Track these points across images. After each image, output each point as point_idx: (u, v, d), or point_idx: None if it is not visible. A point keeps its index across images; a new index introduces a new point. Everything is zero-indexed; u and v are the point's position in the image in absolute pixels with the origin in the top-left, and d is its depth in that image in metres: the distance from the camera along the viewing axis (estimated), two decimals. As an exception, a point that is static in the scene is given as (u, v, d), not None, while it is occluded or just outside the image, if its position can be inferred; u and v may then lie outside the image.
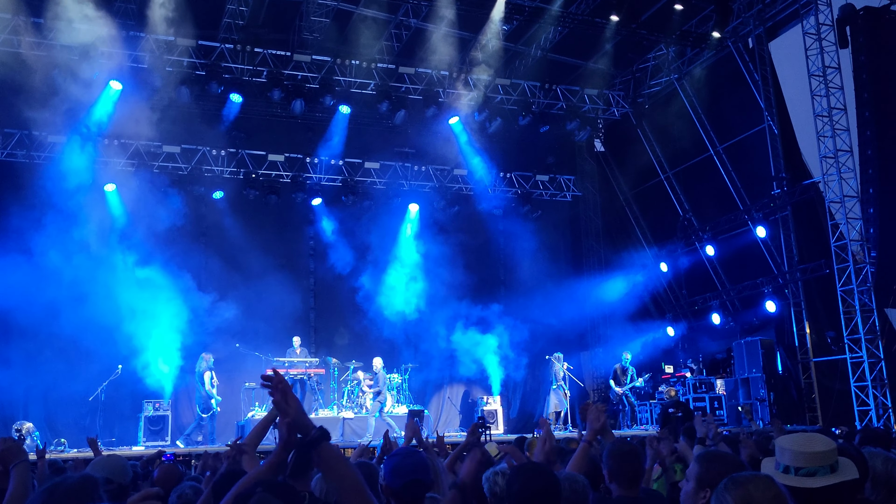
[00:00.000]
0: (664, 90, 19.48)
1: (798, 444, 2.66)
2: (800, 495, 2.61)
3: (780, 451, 2.69)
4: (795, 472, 2.62)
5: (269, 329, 16.42)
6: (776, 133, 16.71)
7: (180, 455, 11.85)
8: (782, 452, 2.68)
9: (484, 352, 18.09)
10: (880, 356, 14.53)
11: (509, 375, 18.67)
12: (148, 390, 15.55)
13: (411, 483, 3.06)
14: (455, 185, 19.87)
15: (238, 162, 17.98)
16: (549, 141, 19.98)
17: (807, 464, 2.62)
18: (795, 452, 2.64)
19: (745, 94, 17.25)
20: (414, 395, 17.76)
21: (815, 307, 16.45)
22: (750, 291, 17.64)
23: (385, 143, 19.06)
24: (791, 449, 2.65)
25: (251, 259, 16.85)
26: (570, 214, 21.43)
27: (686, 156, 19.26)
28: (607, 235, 21.30)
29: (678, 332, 19.65)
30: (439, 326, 18.00)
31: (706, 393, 16.70)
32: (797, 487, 2.60)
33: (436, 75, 18.09)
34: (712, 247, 18.49)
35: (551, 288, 19.14)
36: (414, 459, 3.19)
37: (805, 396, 16.20)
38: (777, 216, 16.91)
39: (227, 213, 17.64)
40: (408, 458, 3.20)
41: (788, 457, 2.65)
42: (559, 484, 3.03)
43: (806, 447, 2.64)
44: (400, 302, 18.39)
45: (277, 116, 18.42)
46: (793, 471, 2.63)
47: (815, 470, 2.61)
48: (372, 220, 18.50)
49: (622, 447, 4.12)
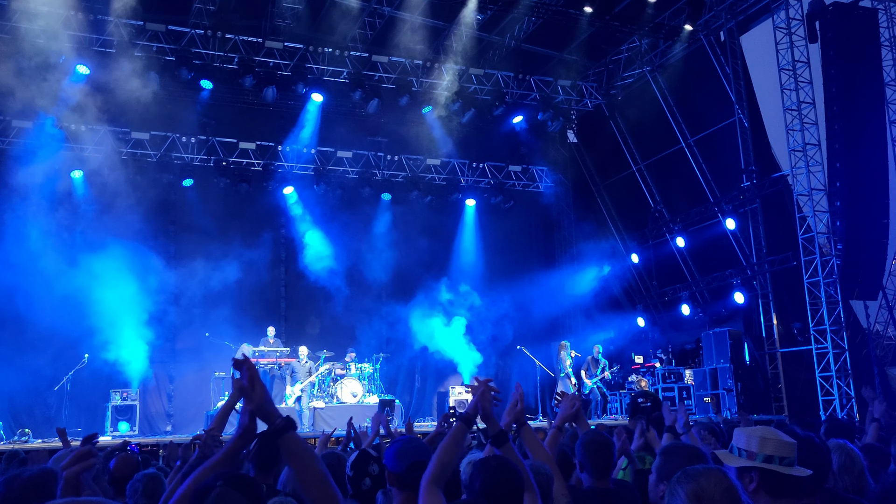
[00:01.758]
0: (637, 82, 19.55)
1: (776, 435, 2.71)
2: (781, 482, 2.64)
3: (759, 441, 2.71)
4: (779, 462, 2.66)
5: (240, 318, 16.26)
6: (746, 126, 16.86)
7: (147, 446, 11.71)
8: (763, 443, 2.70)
9: (456, 342, 18.07)
10: (845, 347, 14.76)
11: (481, 365, 18.68)
12: (115, 379, 15.32)
13: (414, 465, 3.11)
14: (428, 174, 19.80)
15: (208, 149, 17.75)
16: (523, 131, 19.97)
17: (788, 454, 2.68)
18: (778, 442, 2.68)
19: (717, 88, 17.37)
20: (385, 384, 17.72)
21: (782, 299, 16.67)
22: (719, 283, 17.82)
23: (358, 132, 18.91)
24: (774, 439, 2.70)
25: (221, 248, 16.64)
26: (543, 205, 21.47)
27: (658, 148, 19.39)
28: (579, 226, 21.36)
29: (648, 322, 19.81)
30: (411, 316, 17.95)
31: (675, 383, 16.86)
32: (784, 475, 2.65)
33: (409, 64, 17.97)
34: (683, 238, 18.65)
35: (524, 278, 19.17)
36: (415, 444, 3.29)
37: (771, 387, 16.42)
38: (746, 208, 17.08)
39: (197, 200, 17.42)
40: (409, 443, 3.30)
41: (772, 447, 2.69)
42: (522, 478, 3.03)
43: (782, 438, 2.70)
44: (372, 292, 18.30)
45: (249, 104, 18.20)
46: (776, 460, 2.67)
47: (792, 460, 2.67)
48: (344, 209, 18.38)
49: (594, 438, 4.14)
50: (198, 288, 16.03)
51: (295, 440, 2.41)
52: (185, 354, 15.25)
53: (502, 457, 3.18)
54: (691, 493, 2.34)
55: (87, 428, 14.97)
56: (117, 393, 14.98)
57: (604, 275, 20.14)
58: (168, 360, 16.84)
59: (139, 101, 15.97)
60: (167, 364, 16.91)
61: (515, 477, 2.99)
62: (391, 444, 3.36)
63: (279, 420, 2.41)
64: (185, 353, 15.31)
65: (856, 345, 15.32)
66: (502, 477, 2.99)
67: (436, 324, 17.98)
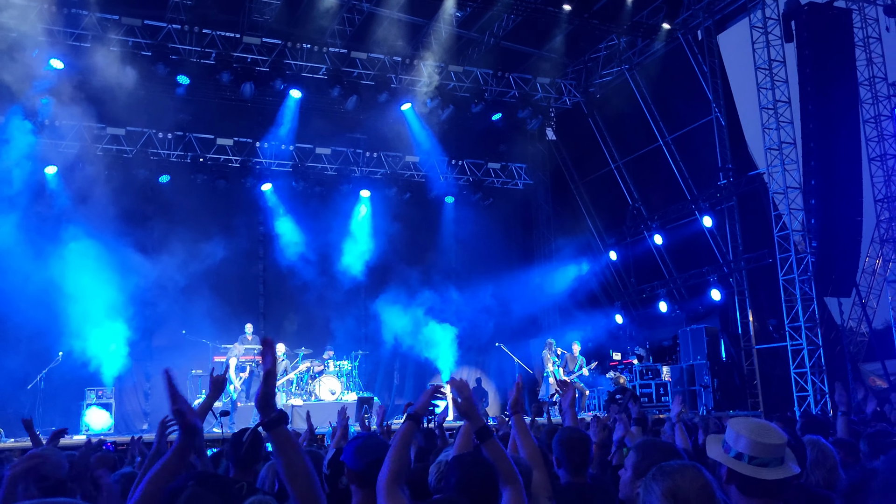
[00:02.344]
0: (615, 80, 19.65)
1: (755, 433, 2.68)
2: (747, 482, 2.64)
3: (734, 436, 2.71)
4: (749, 461, 2.65)
5: (218, 316, 16.14)
6: (723, 124, 17.00)
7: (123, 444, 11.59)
8: (737, 439, 2.70)
9: (434, 338, 18.07)
10: (819, 344, 14.94)
11: (460, 362, 18.70)
12: (90, 377, 15.16)
13: (374, 463, 3.08)
14: (407, 171, 19.77)
15: (185, 145, 17.61)
16: (502, 129, 20.01)
17: (761, 454, 2.65)
18: (752, 442, 2.66)
19: (694, 86, 17.49)
20: (364, 381, 17.69)
21: (758, 296, 16.83)
22: (696, 280, 17.97)
23: (336, 128, 18.83)
24: (748, 437, 2.68)
25: (198, 245, 16.49)
26: (522, 202, 21.52)
27: (636, 145, 19.50)
28: (558, 223, 21.45)
29: (626, 319, 19.93)
30: (390, 314, 17.92)
31: (652, 380, 16.97)
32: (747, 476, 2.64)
33: (388, 61, 17.94)
34: (660, 236, 18.78)
35: (502, 275, 19.22)
36: (375, 441, 3.25)
37: (747, 383, 16.59)
38: (723, 206, 17.23)
39: (173, 197, 17.24)
40: (368, 440, 3.26)
41: (743, 444, 2.68)
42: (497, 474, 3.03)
43: (763, 438, 2.67)
44: (350, 289, 18.26)
45: (226, 100, 18.06)
46: (746, 458, 2.66)
47: (768, 461, 2.64)
48: (323, 207, 18.33)
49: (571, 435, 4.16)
50: (175, 285, 15.89)
51: (286, 434, 2.48)
52: (162, 352, 15.09)
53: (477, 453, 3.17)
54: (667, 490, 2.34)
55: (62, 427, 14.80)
56: (92, 391, 14.83)
57: (582, 272, 20.24)
58: (144, 357, 16.68)
59: (115, 96, 15.79)
60: (143, 362, 16.74)
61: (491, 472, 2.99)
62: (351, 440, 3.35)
63: (274, 413, 2.47)
64: (162, 350, 15.15)
65: (830, 341, 15.53)
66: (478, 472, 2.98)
67: (415, 321, 17.97)
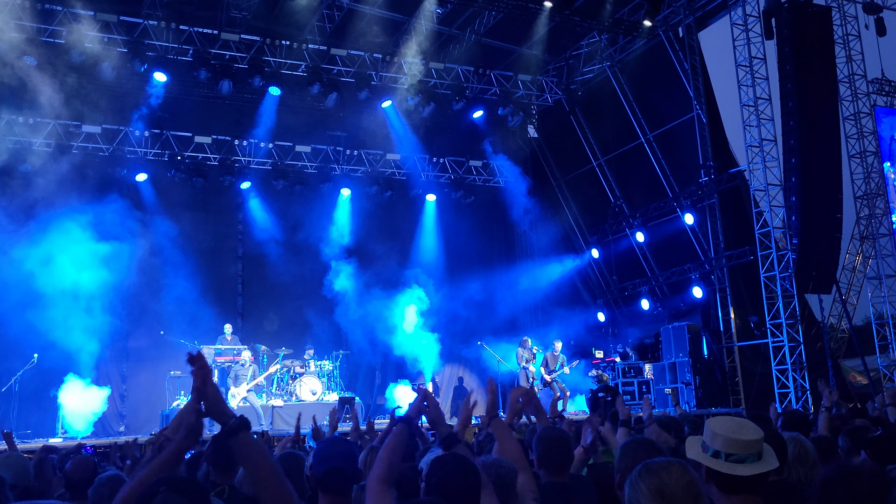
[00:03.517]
0: (597, 77, 19.71)
1: (730, 430, 2.70)
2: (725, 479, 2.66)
3: (711, 434, 2.72)
4: (725, 458, 2.67)
5: (196, 316, 16.03)
6: (704, 122, 17.10)
7: (101, 447, 11.51)
8: (714, 437, 2.71)
9: (416, 338, 18.05)
10: (800, 340, 15.08)
11: (442, 361, 18.69)
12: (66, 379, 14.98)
13: (333, 471, 3.03)
14: (388, 169, 19.73)
15: (163, 143, 17.48)
16: (483, 126, 20.01)
17: (737, 451, 2.66)
18: (727, 438, 2.68)
19: (675, 83, 17.59)
20: (345, 382, 17.64)
21: (739, 293, 16.95)
22: (678, 277, 18.07)
23: (316, 126, 18.81)
24: (723, 435, 2.69)
25: (176, 244, 16.40)
26: (504, 200, 21.51)
27: (617, 143, 19.58)
28: (540, 221, 21.48)
29: (608, 317, 20.01)
30: (371, 313, 17.88)
31: (635, 378, 17.06)
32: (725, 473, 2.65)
33: (368, 58, 17.90)
34: (642, 233, 18.86)
35: (484, 274, 19.20)
36: (340, 448, 3.15)
37: (729, 380, 16.71)
38: (704, 203, 17.34)
39: (150, 196, 17.14)
40: (334, 445, 3.17)
41: (720, 442, 2.69)
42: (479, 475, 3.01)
43: (738, 434, 2.68)
44: (331, 288, 18.20)
45: (204, 97, 17.91)
46: (723, 456, 2.67)
47: (745, 457, 2.66)
48: (302, 205, 18.23)
49: (551, 433, 4.15)
50: (152, 285, 15.78)
51: (247, 440, 2.40)
52: (139, 353, 14.99)
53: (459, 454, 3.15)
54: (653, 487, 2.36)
55: (37, 430, 14.68)
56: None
57: (564, 270, 20.29)
58: (121, 359, 16.55)
59: (90, 93, 15.64)
60: (119, 363, 16.62)
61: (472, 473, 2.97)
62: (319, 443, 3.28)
63: (232, 420, 2.40)
64: (139, 351, 15.04)
65: (811, 338, 15.68)
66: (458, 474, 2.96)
67: (396, 321, 17.93)
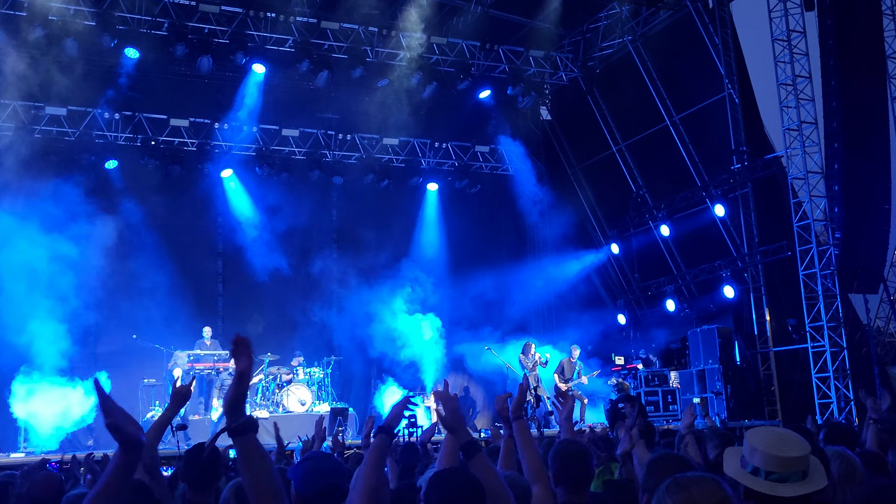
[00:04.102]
0: (617, 53, 19.65)
1: (772, 445, 2.65)
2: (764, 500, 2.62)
3: (749, 449, 2.68)
4: (766, 476, 2.62)
5: (171, 318, 16.04)
6: (737, 102, 17.04)
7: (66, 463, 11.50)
8: (752, 452, 2.67)
9: (417, 342, 18.04)
10: (843, 345, 15.02)
11: (445, 368, 18.67)
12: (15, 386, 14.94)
13: (328, 489, 3.01)
14: (385, 155, 19.71)
15: (135, 127, 17.49)
16: (490, 108, 19.97)
17: (779, 469, 2.62)
18: (767, 455, 2.63)
19: (705, 60, 17.51)
20: (338, 391, 17.63)
21: (775, 292, 16.91)
22: (707, 275, 18.03)
23: (305, 108, 18.83)
24: (763, 450, 2.65)
25: (150, 239, 16.44)
26: (513, 189, 21.48)
27: (640, 126, 19.53)
28: (553, 213, 21.43)
29: (630, 319, 19.99)
30: (366, 315, 17.88)
31: (659, 386, 17.03)
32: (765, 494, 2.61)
33: (363, 32, 17.85)
34: (667, 226, 18.81)
35: (492, 271, 19.17)
36: (329, 463, 3.17)
37: (764, 389, 16.68)
38: (737, 193, 17.30)
39: (121, 185, 17.16)
40: (322, 462, 3.17)
41: (759, 458, 2.64)
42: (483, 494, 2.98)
43: (780, 451, 2.63)
44: (322, 287, 18.19)
45: (181, 75, 17.93)
46: (763, 474, 2.63)
47: (787, 476, 2.61)
48: (290, 195, 18.20)
49: (568, 447, 4.11)
50: (123, 284, 15.76)
51: (255, 444, 2.38)
52: (109, 359, 14.97)
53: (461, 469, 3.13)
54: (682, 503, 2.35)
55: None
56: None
57: (580, 267, 20.26)
58: (89, 366, 16.51)
59: (55, 71, 15.62)
60: (87, 370, 16.58)
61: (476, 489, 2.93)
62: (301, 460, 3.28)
63: (243, 419, 2.38)
64: (109, 357, 15.03)
65: (855, 342, 15.59)
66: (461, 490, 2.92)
67: (394, 323, 17.92)
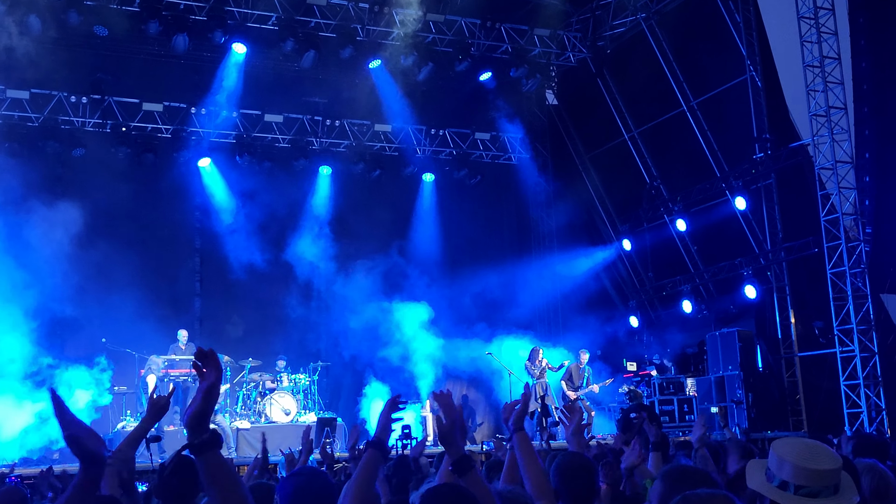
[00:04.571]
0: (629, 32, 19.62)
1: (801, 457, 2.65)
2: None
3: (777, 461, 2.68)
4: (795, 491, 2.62)
5: (144, 320, 16.03)
6: (759, 86, 17.03)
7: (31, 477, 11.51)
8: (780, 465, 2.66)
9: (412, 346, 18.03)
10: (874, 350, 14.98)
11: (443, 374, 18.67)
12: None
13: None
14: (376, 143, 19.72)
15: (104, 112, 17.50)
16: (492, 91, 19.96)
17: (809, 483, 2.62)
18: (797, 467, 2.63)
19: (725, 39, 17.50)
20: (325, 399, 17.63)
21: (801, 293, 16.91)
22: (727, 274, 18.02)
23: (290, 91, 18.86)
24: (792, 462, 2.64)
25: (121, 234, 16.47)
26: (516, 180, 21.49)
27: (654, 112, 19.53)
28: (560, 206, 21.44)
29: (643, 322, 19.98)
30: (357, 316, 17.87)
31: (674, 395, 17.02)
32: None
33: (353, 8, 17.84)
34: (684, 221, 18.80)
35: (493, 269, 19.18)
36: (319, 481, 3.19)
37: (788, 397, 16.67)
38: (759, 185, 17.29)
39: (90, 175, 17.08)
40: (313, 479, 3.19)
41: (788, 471, 2.64)
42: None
43: (811, 463, 2.63)
44: (308, 286, 18.17)
45: (154, 56, 17.99)
46: (791, 488, 2.63)
47: (818, 490, 2.61)
48: (273, 186, 18.21)
49: (573, 461, 4.13)
50: (91, 285, 15.76)
51: (220, 461, 2.36)
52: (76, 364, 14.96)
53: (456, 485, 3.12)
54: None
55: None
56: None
57: (589, 264, 20.25)
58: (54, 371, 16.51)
59: (16, 51, 15.59)
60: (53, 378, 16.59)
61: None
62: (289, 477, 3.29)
63: (206, 434, 2.35)
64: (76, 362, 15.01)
65: (887, 347, 15.58)
66: None
67: (387, 325, 17.91)
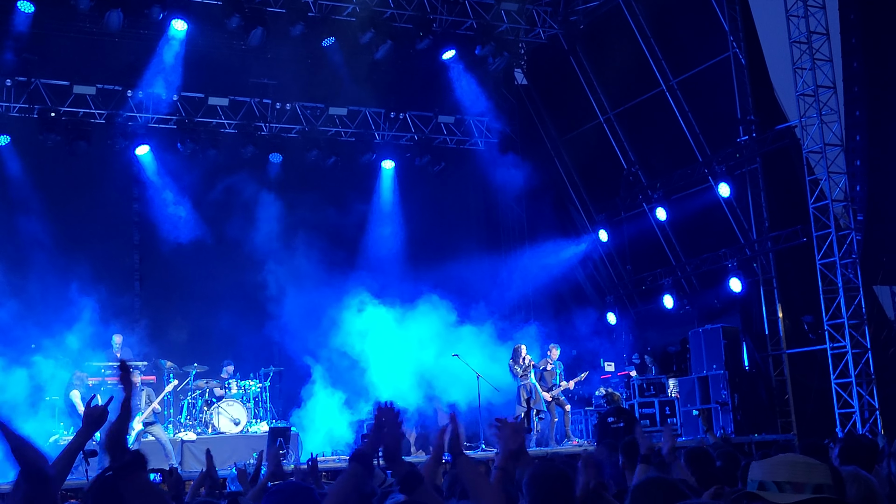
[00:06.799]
0: (604, 6, 19.67)
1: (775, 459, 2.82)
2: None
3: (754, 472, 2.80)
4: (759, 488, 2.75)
5: (78, 324, 15.86)
6: (743, 64, 17.14)
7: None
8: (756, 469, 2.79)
9: (373, 349, 17.99)
10: (867, 346, 15.18)
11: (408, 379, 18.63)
12: None
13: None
14: (331, 128, 19.70)
15: (31, 96, 17.40)
16: (456, 71, 19.93)
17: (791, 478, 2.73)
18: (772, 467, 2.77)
19: (706, 14, 17.59)
20: (278, 408, 17.57)
21: (789, 285, 17.06)
22: (710, 266, 18.16)
23: (236, 72, 18.83)
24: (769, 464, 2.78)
25: (51, 228, 16.34)
26: (483, 167, 21.49)
27: (631, 92, 19.61)
28: (530, 194, 21.48)
29: (621, 318, 20.08)
30: (312, 316, 17.80)
31: (655, 396, 17.14)
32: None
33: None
34: (664, 209, 18.91)
35: (459, 263, 19.16)
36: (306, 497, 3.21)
37: (777, 398, 16.83)
38: (744, 170, 17.41)
39: (15, 165, 17.04)
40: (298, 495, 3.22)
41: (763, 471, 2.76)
42: None
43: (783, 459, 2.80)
44: (258, 284, 18.07)
45: (86, 33, 17.82)
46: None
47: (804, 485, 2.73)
48: (218, 175, 18.13)
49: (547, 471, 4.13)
50: (18, 286, 15.67)
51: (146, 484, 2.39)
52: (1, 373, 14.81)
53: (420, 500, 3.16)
54: None
55: None
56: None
57: (563, 257, 20.31)
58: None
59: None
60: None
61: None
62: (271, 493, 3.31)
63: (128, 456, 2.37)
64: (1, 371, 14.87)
65: (881, 342, 15.78)
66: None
67: (345, 326, 17.85)
